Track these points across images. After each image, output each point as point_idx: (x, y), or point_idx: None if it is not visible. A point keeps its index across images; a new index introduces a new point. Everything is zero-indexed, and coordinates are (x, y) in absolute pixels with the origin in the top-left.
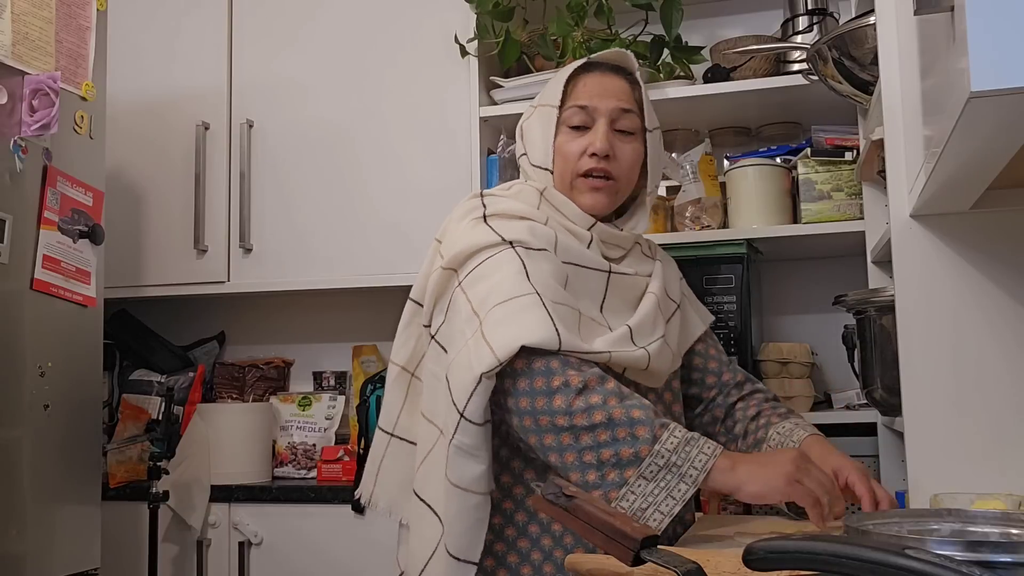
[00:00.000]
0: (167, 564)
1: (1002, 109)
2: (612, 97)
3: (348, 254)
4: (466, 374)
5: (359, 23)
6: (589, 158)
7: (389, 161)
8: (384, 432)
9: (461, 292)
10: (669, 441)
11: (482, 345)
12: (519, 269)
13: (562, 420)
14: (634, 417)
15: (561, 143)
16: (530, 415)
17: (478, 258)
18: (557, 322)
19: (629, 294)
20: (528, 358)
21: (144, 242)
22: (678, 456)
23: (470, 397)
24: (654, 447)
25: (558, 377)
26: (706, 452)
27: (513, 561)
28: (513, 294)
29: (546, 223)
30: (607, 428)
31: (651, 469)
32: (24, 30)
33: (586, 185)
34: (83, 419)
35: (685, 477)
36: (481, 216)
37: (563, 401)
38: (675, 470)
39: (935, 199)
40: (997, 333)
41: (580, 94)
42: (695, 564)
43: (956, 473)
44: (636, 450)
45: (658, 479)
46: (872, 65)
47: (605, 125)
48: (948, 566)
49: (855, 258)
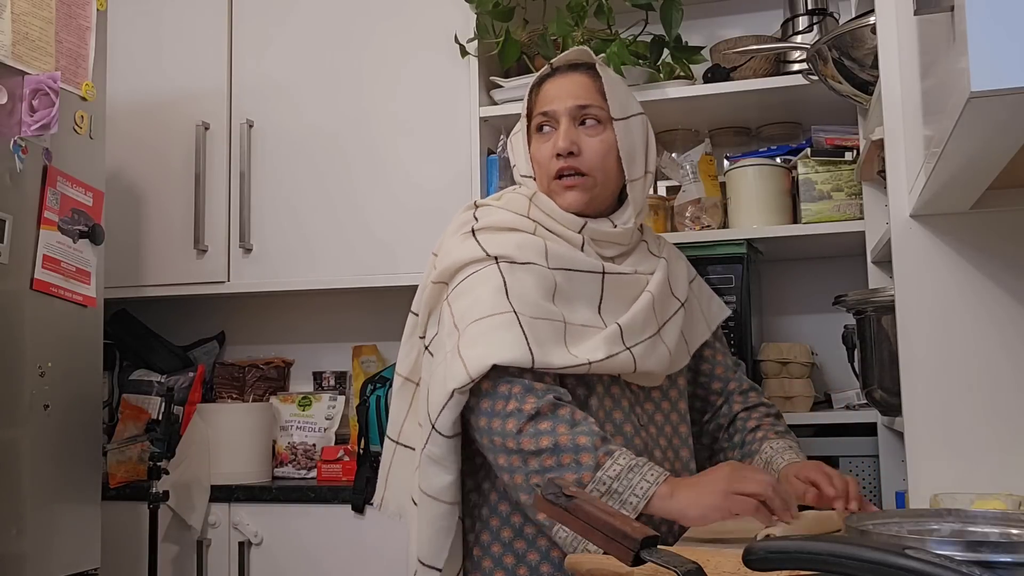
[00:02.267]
0: (167, 564)
1: (1002, 109)
2: (569, 96)
3: (348, 254)
4: (440, 388)
5: (359, 23)
6: (556, 159)
7: (389, 161)
8: (390, 440)
9: (447, 306)
10: (612, 468)
11: (456, 361)
12: (499, 286)
13: (512, 443)
14: (579, 444)
15: (534, 150)
16: (487, 434)
17: (464, 272)
18: (531, 340)
19: (628, 293)
20: (495, 379)
21: (144, 242)
22: (619, 483)
23: (441, 410)
24: (596, 474)
25: (514, 402)
26: (648, 479)
27: (509, 562)
28: (490, 311)
29: (535, 231)
30: (552, 454)
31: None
32: (24, 30)
33: (560, 186)
34: (83, 419)
35: (626, 504)
36: (470, 230)
37: (514, 425)
38: (616, 497)
39: (935, 199)
40: (997, 333)
41: (543, 100)
42: (695, 564)
43: (956, 473)
44: (579, 476)
45: None
46: (872, 65)
47: (567, 123)
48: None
49: (855, 258)
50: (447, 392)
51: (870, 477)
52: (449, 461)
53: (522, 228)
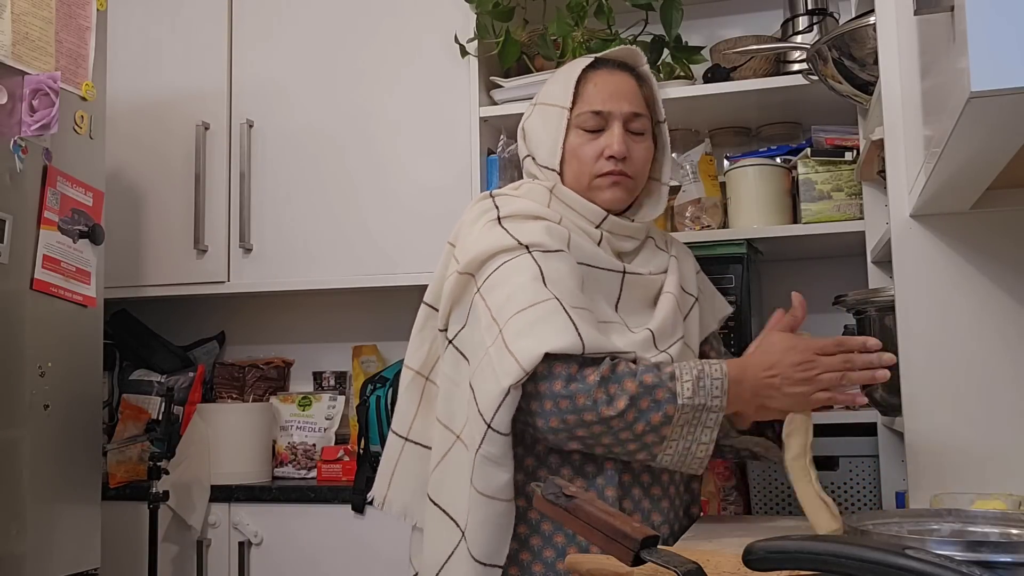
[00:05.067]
0: (167, 564)
1: (1002, 109)
2: (624, 100)
3: (348, 254)
4: (492, 386)
5: (359, 23)
6: (607, 160)
7: (389, 161)
8: (398, 436)
9: (480, 298)
10: (686, 390)
11: (505, 355)
12: (536, 275)
13: (590, 416)
14: (647, 384)
15: (575, 145)
16: (556, 416)
17: (495, 263)
18: (579, 325)
19: (645, 294)
20: (548, 362)
21: (144, 242)
22: (699, 398)
23: (497, 409)
24: (677, 403)
25: (576, 380)
26: (717, 377)
27: (525, 559)
28: (532, 301)
29: (559, 222)
30: (631, 407)
31: (683, 419)
32: (24, 30)
33: (605, 182)
34: (83, 419)
35: (712, 409)
36: (496, 218)
37: (586, 399)
38: (702, 409)
39: (935, 199)
40: (997, 333)
41: (592, 98)
42: (695, 564)
43: (956, 473)
44: (663, 412)
45: (691, 423)
46: (872, 65)
47: (620, 128)
48: (948, 566)
49: (855, 258)
50: (502, 390)
51: (870, 477)
52: (506, 459)
53: (547, 217)
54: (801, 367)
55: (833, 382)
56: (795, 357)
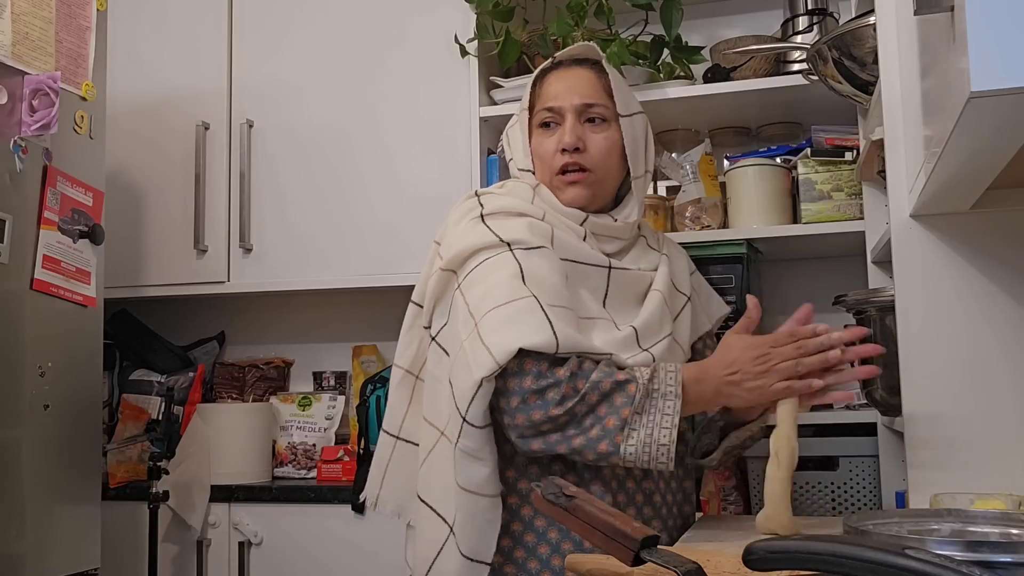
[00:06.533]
0: (167, 564)
1: (1002, 109)
2: (575, 93)
3: (348, 254)
4: (466, 378)
5: (359, 23)
6: (561, 154)
7: (389, 161)
8: (389, 435)
9: (460, 294)
10: (644, 375)
11: (479, 348)
12: (515, 272)
13: (555, 410)
14: (606, 370)
15: (535, 144)
16: (523, 412)
17: (475, 259)
18: (555, 323)
19: (632, 290)
20: (520, 359)
21: (144, 242)
22: (655, 384)
23: (471, 401)
24: (638, 383)
25: (546, 377)
26: (671, 371)
27: (520, 556)
28: (509, 298)
29: (543, 218)
30: (593, 389)
31: (641, 403)
32: (24, 30)
33: (563, 181)
34: (83, 419)
35: (667, 395)
36: (479, 216)
37: (555, 392)
38: (657, 395)
39: (935, 199)
40: (997, 333)
41: (547, 94)
42: (695, 564)
43: (956, 473)
44: (624, 391)
45: (650, 411)
46: (872, 65)
47: (572, 119)
48: (948, 566)
49: (855, 258)
50: (475, 382)
51: (870, 477)
52: (484, 453)
53: (531, 213)
54: (758, 361)
55: (790, 370)
56: (752, 353)
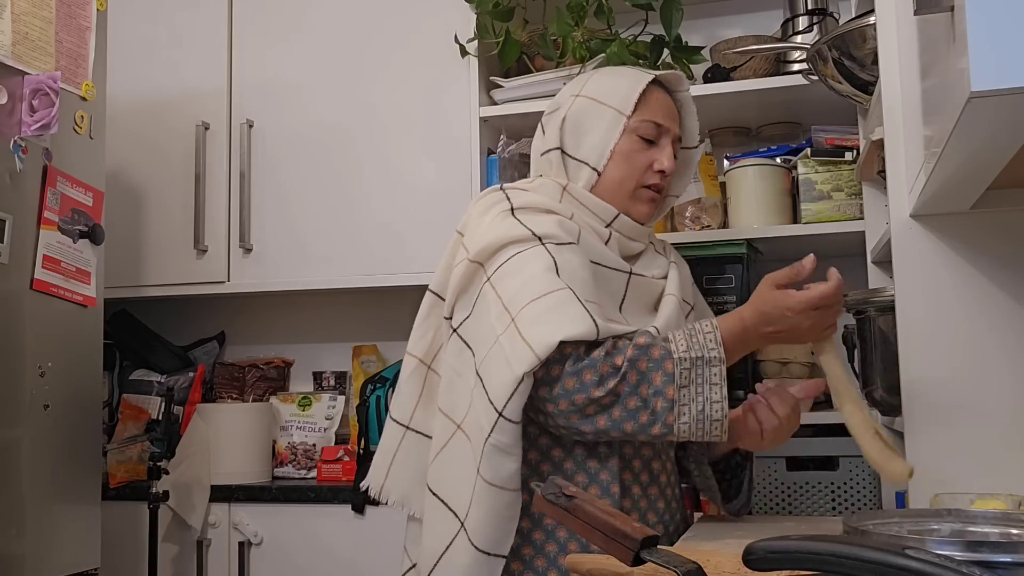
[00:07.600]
0: (167, 564)
1: (1002, 109)
2: (675, 122)
3: (348, 254)
4: (505, 374)
5: (359, 23)
6: (655, 173)
7: (389, 161)
8: (398, 424)
9: (490, 288)
10: (680, 346)
11: (519, 343)
12: (549, 265)
13: (597, 391)
14: (641, 344)
15: (628, 151)
16: (565, 397)
17: (507, 252)
18: (593, 313)
19: (647, 297)
20: (559, 348)
21: (144, 242)
22: (695, 351)
23: (511, 397)
24: (674, 357)
25: (582, 360)
26: (708, 331)
27: (527, 553)
28: (545, 290)
29: (571, 217)
30: (631, 368)
31: (684, 377)
32: (24, 30)
33: (646, 196)
34: (83, 419)
35: (711, 361)
36: (508, 209)
37: (592, 374)
38: (701, 363)
39: (935, 199)
40: (997, 333)
41: (655, 109)
42: (695, 564)
43: (956, 473)
44: (662, 369)
45: (696, 381)
46: (872, 65)
47: (670, 145)
48: (948, 566)
49: (855, 258)
50: (516, 377)
51: (870, 477)
52: (516, 448)
53: (559, 211)
54: (802, 317)
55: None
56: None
